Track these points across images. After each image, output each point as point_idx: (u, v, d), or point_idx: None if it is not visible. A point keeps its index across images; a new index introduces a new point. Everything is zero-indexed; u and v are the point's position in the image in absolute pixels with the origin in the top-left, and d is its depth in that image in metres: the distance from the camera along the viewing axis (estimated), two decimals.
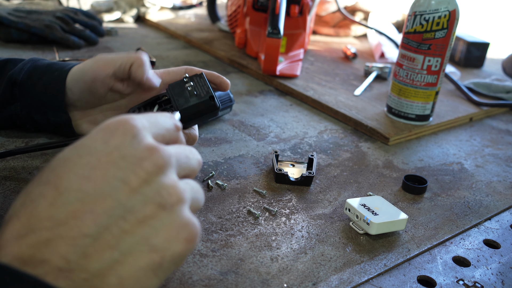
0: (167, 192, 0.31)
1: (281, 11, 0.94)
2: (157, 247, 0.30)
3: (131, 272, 0.29)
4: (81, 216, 0.28)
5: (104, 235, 0.29)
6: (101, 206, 0.29)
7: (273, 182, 0.62)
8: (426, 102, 0.80)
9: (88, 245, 0.28)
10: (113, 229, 0.29)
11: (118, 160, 0.30)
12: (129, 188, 0.30)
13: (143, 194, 0.30)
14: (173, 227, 0.31)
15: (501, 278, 0.50)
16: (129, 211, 0.29)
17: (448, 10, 0.74)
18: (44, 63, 0.62)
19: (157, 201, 0.30)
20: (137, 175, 0.30)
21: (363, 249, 0.52)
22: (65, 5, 1.31)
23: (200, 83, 0.56)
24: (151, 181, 0.31)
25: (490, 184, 0.68)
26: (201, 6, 1.50)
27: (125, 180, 0.30)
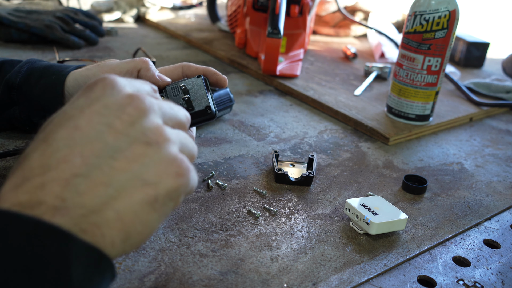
0: (151, 131, 0.32)
1: (281, 11, 0.94)
2: (149, 182, 0.31)
3: (127, 206, 0.30)
4: (70, 159, 0.30)
5: (95, 173, 0.30)
6: (89, 148, 0.30)
7: (273, 182, 0.62)
8: (426, 102, 0.80)
9: (81, 184, 0.29)
10: (103, 167, 0.30)
11: (101, 108, 0.32)
12: (114, 131, 0.31)
13: (129, 135, 0.31)
14: (162, 163, 0.32)
15: (501, 278, 0.50)
16: (117, 151, 0.31)
17: (448, 10, 0.74)
18: (41, 65, 0.62)
19: (143, 140, 0.32)
20: (121, 119, 0.32)
21: (363, 249, 0.52)
22: (65, 5, 1.31)
23: (198, 90, 0.55)
24: (135, 123, 0.32)
25: (490, 184, 0.68)
26: (201, 6, 1.50)
27: (110, 124, 0.31)
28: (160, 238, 0.50)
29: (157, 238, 0.50)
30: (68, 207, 0.28)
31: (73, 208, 0.29)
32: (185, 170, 0.32)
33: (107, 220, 0.29)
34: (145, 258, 0.47)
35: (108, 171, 0.30)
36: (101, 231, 0.29)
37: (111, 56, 1.02)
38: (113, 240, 0.30)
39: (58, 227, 0.27)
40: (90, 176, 0.30)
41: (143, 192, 0.31)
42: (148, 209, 0.31)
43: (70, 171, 0.29)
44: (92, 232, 0.29)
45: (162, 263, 0.47)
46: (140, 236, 0.31)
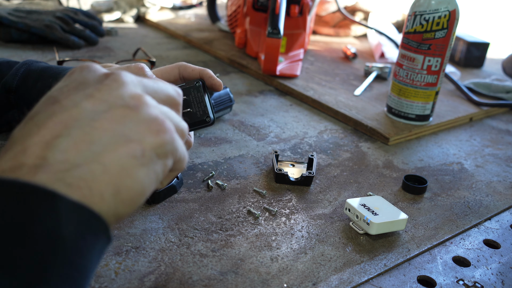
0: (130, 97, 0.32)
1: (281, 11, 0.94)
2: (133, 138, 0.31)
3: (113, 159, 0.30)
4: (50, 126, 0.30)
5: (76, 133, 0.30)
6: (68, 114, 0.30)
7: (273, 182, 0.62)
8: (426, 102, 0.80)
9: (62, 143, 0.29)
10: (84, 128, 0.30)
11: (79, 85, 0.33)
12: (93, 99, 0.31)
13: (108, 101, 0.32)
14: (142, 122, 0.32)
15: (501, 278, 0.50)
16: (97, 114, 0.31)
17: (448, 10, 0.74)
18: (38, 68, 0.61)
19: (122, 104, 0.32)
20: (99, 90, 0.32)
21: (363, 249, 0.52)
22: (65, 5, 1.31)
23: (197, 98, 0.55)
24: (113, 91, 0.32)
25: (490, 184, 0.68)
26: (201, 6, 1.50)
27: (88, 94, 0.32)
28: (160, 238, 0.50)
29: (157, 238, 0.50)
30: (50, 164, 0.28)
31: (55, 164, 0.28)
32: (166, 128, 0.33)
33: (93, 173, 0.29)
34: (145, 258, 0.47)
35: (90, 131, 0.30)
36: (87, 184, 0.28)
37: (111, 56, 1.02)
38: (101, 194, 0.29)
39: (41, 185, 0.27)
40: (72, 136, 0.29)
41: (128, 147, 0.31)
42: (135, 162, 0.31)
43: (51, 134, 0.29)
44: (78, 185, 0.28)
45: (162, 263, 0.47)
46: (131, 192, 0.31)
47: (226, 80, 0.96)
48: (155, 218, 0.53)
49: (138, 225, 0.51)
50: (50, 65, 0.62)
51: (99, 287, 0.43)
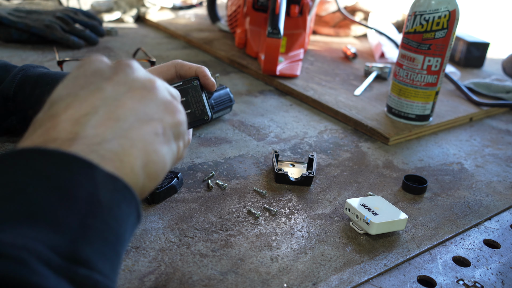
0: (145, 79, 0.36)
1: (281, 11, 0.94)
2: (154, 117, 0.34)
3: (140, 136, 0.33)
4: (76, 105, 0.32)
5: (104, 111, 0.32)
6: (93, 95, 0.33)
7: (273, 182, 0.62)
8: (426, 102, 0.80)
9: (91, 120, 0.31)
10: (110, 107, 0.32)
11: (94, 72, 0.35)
12: (112, 82, 0.34)
13: (126, 83, 0.34)
14: (161, 103, 0.36)
15: (501, 278, 0.50)
16: (120, 95, 0.33)
17: (448, 10, 0.74)
18: (35, 74, 0.61)
19: (140, 85, 0.35)
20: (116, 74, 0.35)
21: (363, 249, 0.52)
22: (65, 5, 1.31)
23: (195, 97, 0.55)
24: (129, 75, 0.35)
25: (490, 184, 0.68)
26: (201, 6, 1.50)
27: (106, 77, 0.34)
28: (160, 238, 0.50)
29: (157, 238, 0.50)
30: (82, 137, 0.30)
31: (87, 137, 0.30)
32: (180, 109, 0.37)
33: (123, 147, 0.31)
34: (145, 258, 0.47)
35: (115, 109, 0.32)
36: (119, 157, 0.31)
37: (111, 56, 1.02)
38: (132, 166, 0.32)
39: (79, 155, 0.29)
40: (99, 113, 0.32)
41: (151, 125, 0.34)
42: (158, 139, 0.34)
43: (79, 112, 0.31)
44: (110, 158, 0.31)
45: (162, 263, 0.47)
46: (156, 166, 0.34)
47: (226, 80, 0.96)
48: (155, 218, 0.53)
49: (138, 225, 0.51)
50: (47, 71, 0.62)
51: None
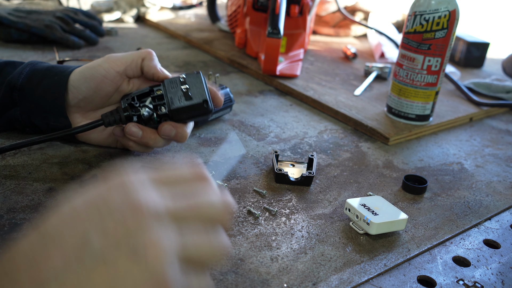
0: (146, 248, 0.27)
1: (281, 11, 0.94)
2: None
3: None
4: (53, 257, 0.27)
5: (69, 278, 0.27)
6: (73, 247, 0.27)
7: (273, 182, 0.62)
8: (426, 102, 0.80)
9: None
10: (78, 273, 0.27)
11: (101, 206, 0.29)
12: (105, 238, 0.28)
13: (119, 247, 0.27)
14: (143, 284, 0.27)
15: (501, 278, 0.50)
16: (99, 260, 0.27)
17: (448, 10, 0.74)
18: (43, 67, 0.62)
19: (133, 257, 0.27)
20: (116, 229, 0.28)
21: (363, 249, 0.52)
22: (65, 5, 1.31)
23: (196, 84, 0.56)
24: (131, 236, 0.28)
25: (490, 184, 0.68)
26: (201, 6, 1.50)
27: (103, 229, 0.28)
28: None
29: None
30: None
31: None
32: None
33: None
34: None
35: (83, 279, 0.26)
36: None
37: None
38: None
39: None
40: (64, 283, 0.26)
41: None
42: None
43: (47, 273, 0.26)
44: None
45: None
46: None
47: (226, 80, 0.96)
48: None
49: None
50: (54, 64, 0.63)
51: None
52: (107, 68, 0.58)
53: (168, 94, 0.57)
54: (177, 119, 0.57)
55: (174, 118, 0.57)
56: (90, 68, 0.58)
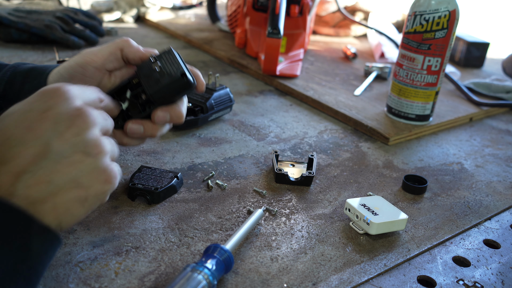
0: (92, 144, 0.39)
1: (281, 11, 0.94)
2: (83, 185, 0.39)
3: (62, 201, 0.38)
4: (23, 156, 0.37)
5: (40, 172, 0.37)
6: (39, 150, 0.37)
7: (273, 182, 0.62)
8: (426, 102, 0.80)
9: (28, 179, 0.36)
10: (48, 167, 0.37)
11: (54, 116, 0.38)
12: (62, 138, 0.38)
13: (74, 143, 0.38)
14: (95, 171, 0.39)
15: (501, 278, 0.50)
16: (61, 156, 0.38)
17: (448, 10, 0.74)
18: (23, 69, 0.59)
19: (84, 150, 0.39)
20: (69, 129, 0.38)
21: (363, 249, 0.52)
22: (65, 5, 1.31)
23: (170, 60, 0.52)
24: (80, 135, 0.39)
25: (490, 184, 0.68)
26: (201, 6, 1.50)
27: (60, 131, 0.38)
28: (160, 238, 0.50)
29: (157, 238, 0.50)
30: (17, 196, 0.36)
31: (20, 196, 0.36)
32: (113, 178, 0.41)
33: (45, 210, 0.37)
34: (145, 258, 0.47)
35: (50, 172, 0.37)
36: (41, 216, 0.37)
37: None
38: (49, 223, 0.37)
39: (22, 209, 0.36)
40: (36, 174, 0.37)
41: (76, 192, 0.38)
42: (78, 205, 0.39)
43: (22, 167, 0.36)
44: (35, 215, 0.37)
45: (162, 263, 0.47)
46: (69, 223, 0.39)
47: (226, 80, 0.96)
48: (155, 218, 0.53)
49: (138, 225, 0.51)
50: (35, 65, 0.60)
51: (99, 287, 0.43)
52: (84, 65, 0.54)
53: (143, 79, 0.53)
54: (163, 101, 0.53)
55: (158, 101, 0.53)
56: (67, 68, 0.55)
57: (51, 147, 0.37)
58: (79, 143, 0.39)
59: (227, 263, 0.44)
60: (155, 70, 0.52)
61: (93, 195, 0.40)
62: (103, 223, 0.51)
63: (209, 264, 0.43)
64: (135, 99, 0.54)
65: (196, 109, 0.74)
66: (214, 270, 0.43)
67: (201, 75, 0.57)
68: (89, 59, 0.55)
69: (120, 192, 0.57)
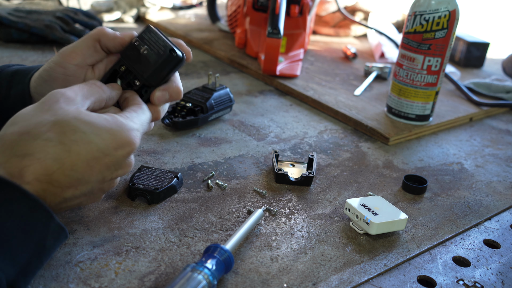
0: (123, 172, 0.48)
1: (281, 11, 0.94)
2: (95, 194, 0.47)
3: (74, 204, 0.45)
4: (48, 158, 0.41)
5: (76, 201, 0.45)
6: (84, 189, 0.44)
7: (273, 182, 0.62)
8: (426, 102, 0.80)
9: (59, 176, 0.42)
10: (95, 186, 0.45)
11: (111, 165, 0.45)
12: (103, 178, 0.45)
13: (113, 172, 0.46)
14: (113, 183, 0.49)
15: (501, 278, 0.50)
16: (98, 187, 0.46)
17: (448, 10, 0.74)
18: (8, 72, 0.57)
19: (115, 176, 0.47)
20: (116, 173, 0.47)
21: (363, 249, 0.52)
22: (65, 5, 1.31)
23: (153, 38, 0.51)
24: (119, 168, 0.47)
25: (490, 184, 0.68)
26: (201, 6, 1.50)
27: (105, 176, 0.45)
28: (160, 238, 0.50)
29: (157, 238, 0.50)
30: (49, 194, 0.42)
31: (52, 195, 0.42)
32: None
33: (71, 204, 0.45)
34: (145, 258, 0.47)
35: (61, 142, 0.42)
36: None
37: None
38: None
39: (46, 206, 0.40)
40: (49, 139, 0.42)
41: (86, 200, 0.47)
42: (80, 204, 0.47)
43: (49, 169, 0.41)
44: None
45: (162, 263, 0.47)
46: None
47: (226, 80, 0.96)
48: (155, 218, 0.53)
49: (138, 225, 0.51)
50: (20, 67, 0.58)
51: (99, 287, 0.43)
52: (64, 64, 0.52)
53: (132, 65, 0.51)
54: (157, 82, 0.52)
55: (155, 83, 0.52)
56: (47, 70, 0.53)
57: (91, 185, 0.45)
58: (116, 173, 0.47)
59: (227, 263, 0.44)
60: (143, 53, 0.50)
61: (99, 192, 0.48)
62: (103, 223, 0.51)
63: (209, 264, 0.43)
64: (129, 87, 0.52)
65: (196, 109, 0.74)
66: (214, 270, 0.43)
67: (184, 43, 0.55)
68: (68, 57, 0.52)
69: (120, 192, 0.57)
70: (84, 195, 0.45)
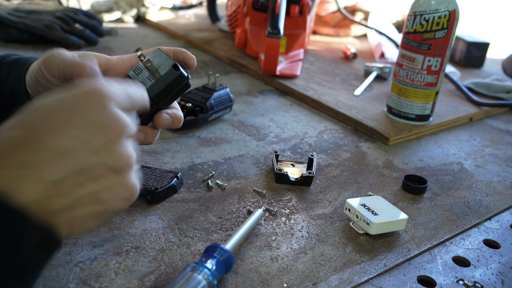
0: (122, 159, 0.37)
1: (281, 11, 0.94)
2: (102, 201, 0.36)
3: (78, 215, 0.36)
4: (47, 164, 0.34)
5: (63, 184, 0.34)
6: (67, 160, 0.35)
7: (273, 182, 0.62)
8: (426, 102, 0.80)
9: (49, 189, 0.34)
10: (72, 180, 0.35)
11: (88, 124, 0.36)
12: (90, 150, 0.35)
13: (102, 157, 0.36)
14: (119, 189, 0.37)
15: (501, 278, 0.50)
16: (86, 169, 0.35)
17: (448, 10, 0.74)
18: (9, 60, 0.57)
19: (112, 165, 0.36)
20: (99, 140, 0.36)
21: (363, 249, 0.52)
22: (65, 5, 1.31)
23: (159, 59, 0.51)
24: (110, 148, 0.36)
25: (490, 184, 0.68)
26: (201, 6, 1.50)
27: (88, 142, 0.35)
28: (160, 238, 0.50)
29: (157, 238, 0.50)
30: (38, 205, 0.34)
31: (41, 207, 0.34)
32: (134, 195, 0.38)
33: (60, 221, 0.35)
34: (145, 258, 0.47)
35: (73, 185, 0.35)
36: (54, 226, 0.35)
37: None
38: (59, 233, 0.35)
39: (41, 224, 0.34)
40: (59, 186, 0.34)
41: (94, 208, 0.36)
42: (92, 220, 0.37)
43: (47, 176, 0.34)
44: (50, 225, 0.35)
45: (162, 263, 0.47)
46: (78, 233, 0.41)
47: (226, 80, 0.96)
48: (155, 218, 0.53)
49: (138, 225, 0.51)
50: (22, 56, 0.58)
51: (99, 287, 0.43)
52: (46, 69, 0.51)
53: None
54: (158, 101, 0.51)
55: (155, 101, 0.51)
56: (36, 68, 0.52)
57: (78, 158, 0.35)
58: (108, 157, 0.36)
59: (227, 263, 0.44)
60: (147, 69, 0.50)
61: (110, 211, 0.37)
62: (103, 223, 0.51)
63: (209, 264, 0.43)
64: None
65: (196, 109, 0.74)
66: (214, 270, 0.43)
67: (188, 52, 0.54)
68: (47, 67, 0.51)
69: None
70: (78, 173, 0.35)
